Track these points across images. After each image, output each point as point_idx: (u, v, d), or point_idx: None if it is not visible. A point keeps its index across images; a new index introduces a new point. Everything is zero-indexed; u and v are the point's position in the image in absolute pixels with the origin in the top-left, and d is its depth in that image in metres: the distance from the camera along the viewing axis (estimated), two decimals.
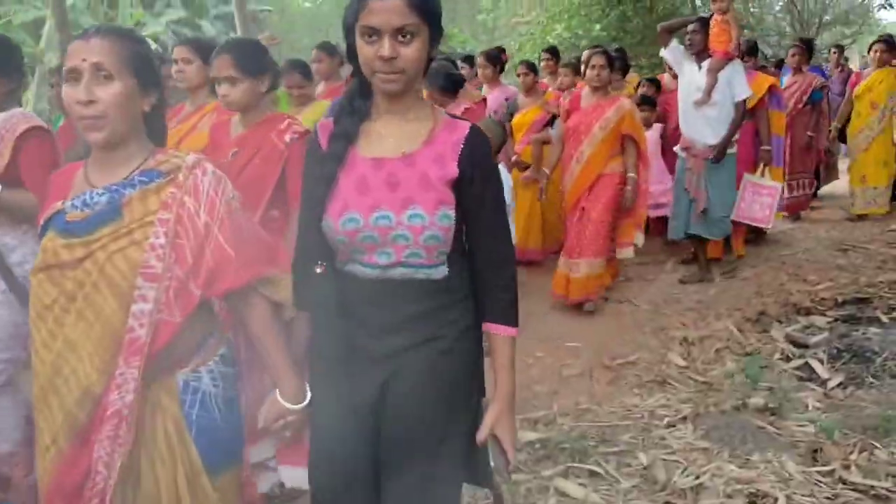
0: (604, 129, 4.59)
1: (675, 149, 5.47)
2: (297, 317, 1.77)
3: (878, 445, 2.88)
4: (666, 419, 3.23)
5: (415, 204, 1.54)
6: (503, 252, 1.67)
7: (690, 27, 5.16)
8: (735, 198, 5.22)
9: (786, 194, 6.71)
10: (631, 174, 4.66)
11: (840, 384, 3.57)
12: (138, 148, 1.65)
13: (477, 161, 1.60)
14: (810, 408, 3.28)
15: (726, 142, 5.06)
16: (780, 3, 15.00)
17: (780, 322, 4.42)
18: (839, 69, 8.93)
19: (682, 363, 3.87)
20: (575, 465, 2.87)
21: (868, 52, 7.01)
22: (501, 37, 21.65)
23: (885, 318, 4.38)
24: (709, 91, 4.97)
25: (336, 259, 1.65)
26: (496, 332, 1.66)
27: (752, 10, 14.82)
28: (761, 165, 5.57)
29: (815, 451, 2.88)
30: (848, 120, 7.19)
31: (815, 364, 3.79)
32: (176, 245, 1.57)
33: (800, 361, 3.84)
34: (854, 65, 9.91)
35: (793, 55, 7.22)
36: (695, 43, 5.09)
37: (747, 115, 5.33)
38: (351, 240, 1.57)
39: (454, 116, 1.70)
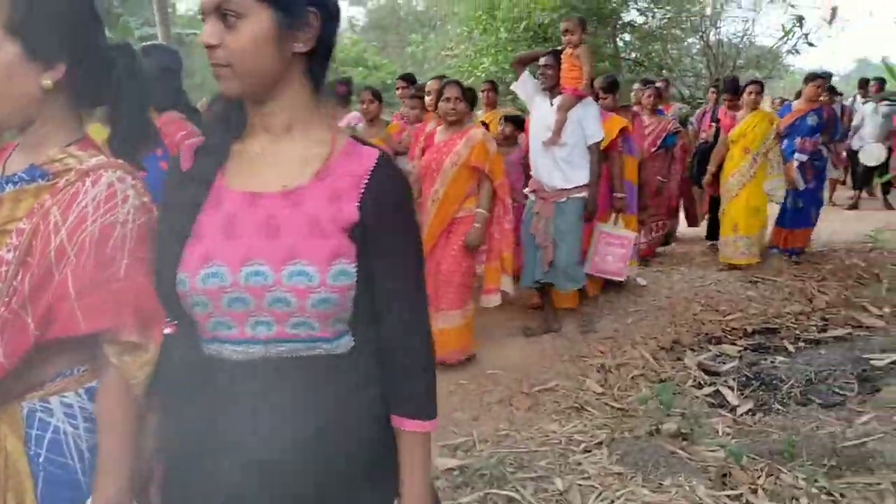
0: (455, 164, 4.20)
1: (524, 191, 5.04)
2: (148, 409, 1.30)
3: (783, 470, 2.97)
4: (582, 445, 3.27)
5: (299, 257, 1.14)
6: (418, 323, 1.28)
7: (542, 60, 4.70)
8: (578, 243, 4.75)
9: (641, 239, 6.60)
10: (479, 210, 4.25)
11: (749, 411, 3.69)
12: (51, 136, 1.30)
13: (386, 200, 1.21)
14: (720, 433, 3.38)
15: (595, 194, 4.71)
16: (698, 47, 15.65)
17: (692, 350, 4.56)
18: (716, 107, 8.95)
19: (600, 390, 3.94)
20: (493, 491, 2.86)
21: (742, 93, 6.63)
22: (431, 69, 21.90)
23: (791, 348, 4.56)
24: (558, 130, 4.55)
25: (197, 335, 1.22)
26: (406, 428, 1.27)
27: (671, 51, 15.45)
28: (613, 214, 5.19)
29: (725, 475, 2.95)
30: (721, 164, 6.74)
31: (725, 391, 3.91)
32: (25, 265, 1.21)
33: (711, 388, 3.96)
34: (766, 105, 10.27)
35: (648, 96, 6.91)
36: (547, 77, 4.64)
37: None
38: (215, 303, 1.15)
39: (362, 141, 1.29)
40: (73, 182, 1.24)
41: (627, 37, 14.80)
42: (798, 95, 7.60)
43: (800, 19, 5.77)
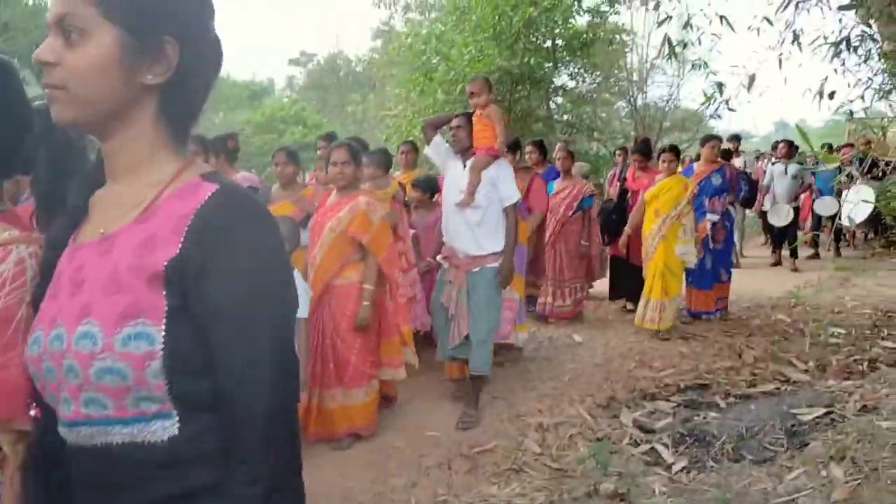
0: (333, 231, 4.03)
1: (437, 258, 4.77)
2: None
3: None
4: None
5: (90, 316, 0.95)
6: (254, 401, 0.97)
7: (454, 122, 4.55)
8: (497, 317, 4.46)
9: (555, 302, 6.82)
10: (366, 285, 4.05)
11: (684, 468, 3.72)
12: None
13: (215, 241, 0.96)
14: (657, 493, 3.40)
15: (511, 258, 4.41)
16: (626, 110, 16.29)
17: (628, 407, 4.61)
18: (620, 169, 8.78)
19: (538, 450, 3.94)
20: None
21: (658, 158, 6.68)
22: (370, 128, 22.17)
23: (722, 403, 4.66)
24: (471, 191, 4.30)
25: None
26: None
27: (601, 114, 16.02)
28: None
29: None
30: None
31: (660, 448, 3.95)
32: None
33: (647, 446, 3.99)
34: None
35: (560, 158, 6.91)
36: (459, 139, 4.48)
37: None
38: (39, 373, 1.01)
39: (211, 178, 1.06)
40: None
41: (560, 100, 15.29)
42: (698, 157, 7.88)
43: (720, 86, 6.03)
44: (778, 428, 4.10)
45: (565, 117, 15.28)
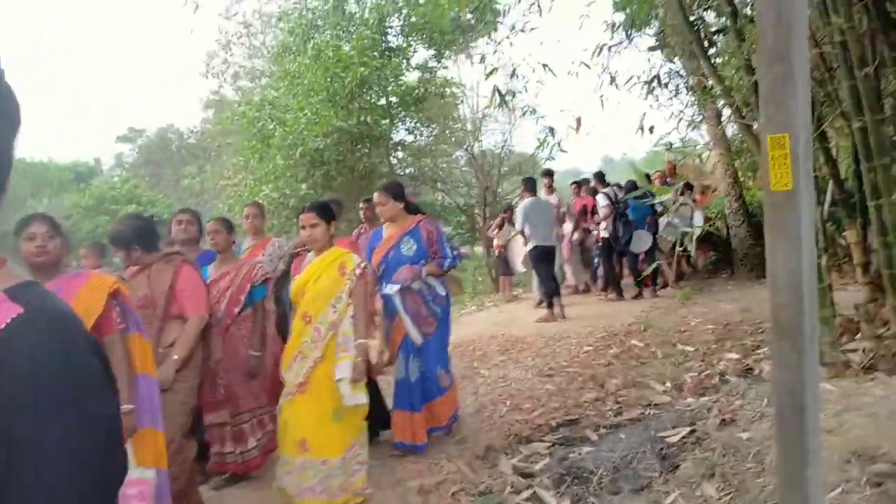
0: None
1: None
2: None
3: None
4: None
5: None
6: None
7: None
8: None
9: (225, 450, 4.39)
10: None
11: None
12: None
13: (10, 388, 0.78)
14: None
15: None
16: (465, 158, 16.74)
17: (506, 454, 4.59)
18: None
19: None
20: None
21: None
22: (210, 199, 21.51)
23: (594, 436, 4.74)
24: None
25: None
26: None
27: (442, 165, 16.40)
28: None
29: None
30: None
31: (542, 493, 3.94)
32: None
33: (528, 492, 3.97)
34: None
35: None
36: None
37: None
38: None
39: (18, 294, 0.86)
40: None
41: (400, 154, 15.53)
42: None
43: (551, 130, 6.34)
44: (649, 454, 4.22)
45: (408, 171, 15.53)
